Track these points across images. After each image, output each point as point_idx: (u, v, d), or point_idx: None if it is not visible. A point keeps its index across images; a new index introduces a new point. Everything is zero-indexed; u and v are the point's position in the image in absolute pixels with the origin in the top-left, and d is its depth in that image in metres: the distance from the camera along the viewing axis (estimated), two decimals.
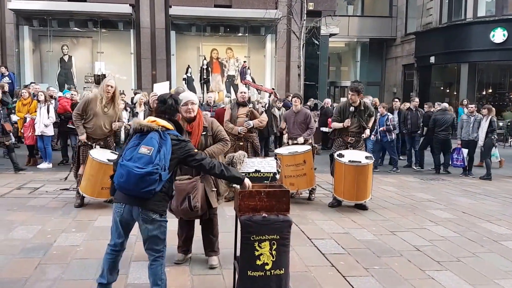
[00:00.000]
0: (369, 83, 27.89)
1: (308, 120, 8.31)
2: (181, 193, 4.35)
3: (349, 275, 4.74)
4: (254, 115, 8.05)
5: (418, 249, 5.67)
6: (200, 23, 18.65)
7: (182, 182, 4.40)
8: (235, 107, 8.19)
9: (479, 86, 22.68)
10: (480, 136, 11.54)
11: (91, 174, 6.98)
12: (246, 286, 3.75)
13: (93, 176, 6.98)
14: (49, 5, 17.28)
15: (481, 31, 20.85)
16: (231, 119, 8.09)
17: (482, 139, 11.49)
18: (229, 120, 8.09)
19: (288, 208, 3.79)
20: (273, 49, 19.26)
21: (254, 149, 8.08)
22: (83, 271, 4.60)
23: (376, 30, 27.64)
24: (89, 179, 7.00)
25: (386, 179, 10.81)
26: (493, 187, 10.49)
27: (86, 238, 5.66)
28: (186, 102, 4.56)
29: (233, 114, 8.11)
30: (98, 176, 6.95)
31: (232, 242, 4.26)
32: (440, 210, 7.89)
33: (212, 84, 18.98)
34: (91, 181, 7.02)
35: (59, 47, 18.68)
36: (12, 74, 16.03)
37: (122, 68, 19.05)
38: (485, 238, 6.29)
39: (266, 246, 3.69)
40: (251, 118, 7.98)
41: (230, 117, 8.12)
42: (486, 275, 4.88)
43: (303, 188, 7.97)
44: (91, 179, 7.01)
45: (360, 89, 7.63)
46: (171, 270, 4.68)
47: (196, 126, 4.61)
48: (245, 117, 8.00)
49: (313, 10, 17.42)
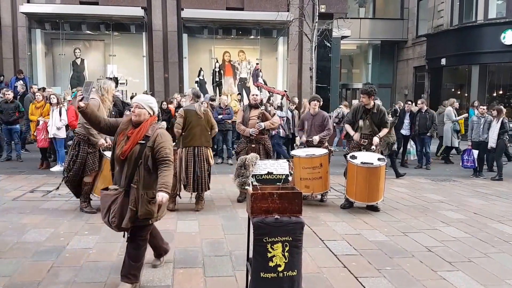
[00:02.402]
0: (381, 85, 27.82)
1: (326, 123, 8.33)
2: (104, 204, 4.16)
3: (361, 276, 4.77)
4: (265, 117, 8.10)
5: (429, 250, 5.68)
6: (212, 25, 18.69)
7: (108, 193, 4.19)
8: (247, 109, 8.25)
9: (490, 88, 22.55)
10: (491, 137, 11.49)
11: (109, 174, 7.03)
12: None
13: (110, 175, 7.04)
14: (61, 8, 17.44)
15: (492, 33, 20.75)
16: (243, 121, 8.16)
17: (494, 141, 11.45)
18: (241, 122, 8.16)
19: (300, 210, 3.79)
20: (285, 52, 19.25)
21: (266, 151, 8.13)
22: (96, 274, 4.61)
23: (387, 33, 27.59)
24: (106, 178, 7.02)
25: (398, 181, 10.81)
26: (504, 187, 10.46)
27: (98, 241, 5.68)
28: (132, 104, 4.27)
29: (245, 116, 8.17)
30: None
31: (244, 243, 4.29)
32: (452, 211, 7.89)
33: (225, 86, 19.03)
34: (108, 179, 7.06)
35: (72, 50, 18.81)
36: (26, 78, 16.23)
37: (134, 71, 19.16)
38: (496, 238, 6.29)
39: (278, 248, 3.69)
40: (262, 120, 8.05)
41: (242, 119, 8.19)
42: (497, 275, 4.89)
43: (318, 191, 7.99)
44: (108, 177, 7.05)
45: (370, 92, 7.65)
46: (184, 272, 4.73)
47: (136, 132, 4.10)
48: (256, 119, 8.07)
49: (325, 12, 17.41)
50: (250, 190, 3.91)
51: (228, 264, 4.98)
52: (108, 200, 4.11)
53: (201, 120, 7.27)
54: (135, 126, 4.16)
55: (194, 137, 7.22)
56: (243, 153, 8.02)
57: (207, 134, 7.40)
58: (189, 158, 7.22)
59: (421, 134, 12.80)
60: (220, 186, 9.34)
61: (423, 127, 12.70)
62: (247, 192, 3.94)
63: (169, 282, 4.47)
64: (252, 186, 3.98)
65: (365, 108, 7.80)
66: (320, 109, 8.54)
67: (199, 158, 7.25)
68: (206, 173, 7.37)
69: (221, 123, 12.67)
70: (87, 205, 7.08)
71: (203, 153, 7.30)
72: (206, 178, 7.36)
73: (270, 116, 8.17)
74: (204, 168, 7.30)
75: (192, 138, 7.22)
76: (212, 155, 7.52)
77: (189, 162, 7.21)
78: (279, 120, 8.71)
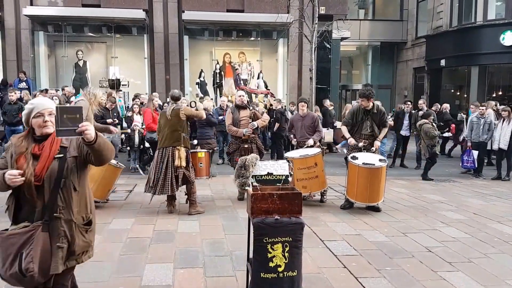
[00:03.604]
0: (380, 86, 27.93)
1: (316, 124, 8.47)
2: (9, 250, 2.93)
3: (361, 276, 4.80)
4: (257, 116, 8.37)
5: (429, 250, 5.72)
6: (213, 27, 18.73)
7: (13, 233, 2.97)
8: (235, 110, 8.42)
9: (489, 89, 22.57)
10: (502, 139, 11.47)
11: (103, 177, 7.05)
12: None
13: (105, 179, 7.07)
14: (64, 10, 17.46)
15: (491, 34, 20.80)
16: (233, 122, 8.27)
17: (505, 142, 11.41)
18: (231, 124, 8.29)
19: (300, 210, 3.80)
20: (285, 53, 19.29)
21: (259, 150, 8.39)
22: (97, 274, 4.63)
23: (387, 34, 27.64)
24: (100, 182, 7.07)
25: (398, 181, 10.84)
26: (504, 188, 10.51)
27: (100, 240, 5.68)
28: (42, 112, 3.09)
29: (234, 118, 8.31)
30: (111, 179, 7.08)
31: (244, 244, 4.31)
32: (451, 211, 7.92)
33: (225, 88, 19.07)
34: (102, 184, 7.10)
35: (74, 52, 18.84)
36: (29, 80, 16.29)
37: (136, 73, 19.20)
38: (496, 239, 6.33)
39: (278, 248, 3.70)
40: (254, 120, 8.28)
41: (232, 120, 8.31)
42: (497, 275, 4.93)
43: (316, 190, 8.04)
44: (102, 182, 7.08)
45: (368, 95, 7.72)
46: (185, 272, 4.76)
47: (48, 145, 3.07)
48: (248, 119, 8.28)
49: (325, 14, 17.47)
50: (250, 190, 3.92)
51: (228, 264, 5.01)
52: (14, 244, 2.92)
53: (170, 121, 7.13)
54: (38, 140, 3.11)
55: (163, 139, 7.18)
56: (236, 153, 8.22)
57: (177, 134, 7.15)
58: (158, 159, 7.17)
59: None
60: (221, 187, 9.39)
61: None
62: (247, 192, 3.95)
63: (169, 282, 4.50)
64: (252, 186, 4.01)
65: (365, 109, 7.86)
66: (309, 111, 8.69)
67: (166, 160, 7.09)
68: (173, 174, 7.08)
69: (221, 124, 12.73)
70: None
71: (170, 154, 7.10)
72: (169, 180, 7.07)
73: (260, 115, 8.46)
74: (168, 169, 7.07)
75: (162, 139, 7.21)
76: (181, 156, 7.16)
77: (158, 163, 7.13)
78: (268, 118, 8.89)
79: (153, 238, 5.94)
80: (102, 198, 7.28)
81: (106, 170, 7.09)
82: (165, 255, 5.25)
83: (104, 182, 7.17)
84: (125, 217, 6.96)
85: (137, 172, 10.94)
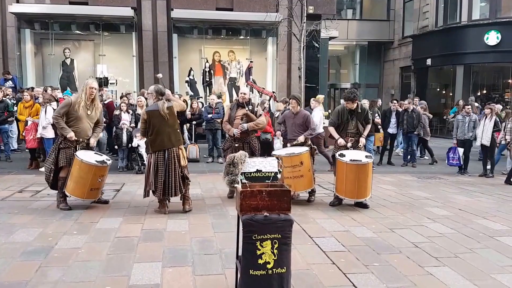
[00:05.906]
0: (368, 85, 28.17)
1: (307, 122, 8.35)
2: None
3: (349, 272, 4.83)
4: (250, 118, 8.14)
5: (416, 246, 5.77)
6: (202, 26, 18.67)
7: None
8: (234, 107, 8.32)
9: (474, 87, 22.93)
10: (485, 135, 11.71)
11: (80, 176, 6.97)
12: (248, 285, 3.74)
13: (82, 178, 6.98)
14: (51, 8, 17.30)
15: (476, 34, 21.14)
16: (229, 119, 8.22)
17: (488, 139, 11.65)
18: (227, 121, 8.23)
19: (289, 207, 3.79)
20: (275, 52, 19.33)
21: (251, 150, 8.12)
22: (85, 273, 4.57)
23: (374, 33, 27.88)
24: (78, 181, 6.98)
25: (385, 178, 10.95)
26: (488, 184, 10.69)
27: (87, 240, 5.66)
28: None
29: (231, 115, 8.23)
30: (88, 177, 7.01)
31: (234, 241, 4.29)
32: (437, 207, 8.01)
33: (215, 86, 19.06)
34: (80, 183, 7.01)
35: (61, 50, 18.67)
36: (15, 78, 16.14)
37: (124, 71, 19.09)
38: (481, 234, 6.41)
39: (267, 245, 3.69)
40: (246, 121, 8.10)
41: (228, 117, 8.25)
42: (483, 270, 4.98)
43: (300, 190, 7.99)
44: (80, 181, 6.99)
45: (353, 98, 7.89)
46: (173, 271, 4.72)
47: None
48: (240, 119, 8.13)
49: (313, 13, 17.55)
50: (239, 187, 3.92)
51: (217, 262, 5.00)
52: None
53: (167, 121, 6.86)
54: None
55: (163, 140, 6.85)
56: (229, 151, 8.05)
57: (177, 133, 7.02)
58: (159, 162, 6.88)
59: (408, 133, 13.00)
60: (211, 185, 9.39)
61: (411, 126, 12.90)
62: (236, 190, 3.94)
63: (158, 281, 4.44)
64: (241, 183, 4.02)
65: (349, 110, 8.02)
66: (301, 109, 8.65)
67: (171, 161, 6.88)
68: (179, 175, 6.96)
69: (210, 122, 12.73)
70: (62, 201, 7.17)
71: (174, 155, 6.92)
72: (178, 181, 6.95)
73: (255, 117, 8.18)
74: (176, 171, 6.92)
75: (161, 141, 6.86)
76: (185, 155, 7.10)
77: (159, 167, 6.88)
78: (265, 121, 8.67)
79: (142, 237, 5.90)
80: (81, 196, 7.17)
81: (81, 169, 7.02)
82: (153, 254, 5.20)
83: (82, 181, 7.05)
84: (113, 216, 6.90)
85: (125, 171, 10.91)
